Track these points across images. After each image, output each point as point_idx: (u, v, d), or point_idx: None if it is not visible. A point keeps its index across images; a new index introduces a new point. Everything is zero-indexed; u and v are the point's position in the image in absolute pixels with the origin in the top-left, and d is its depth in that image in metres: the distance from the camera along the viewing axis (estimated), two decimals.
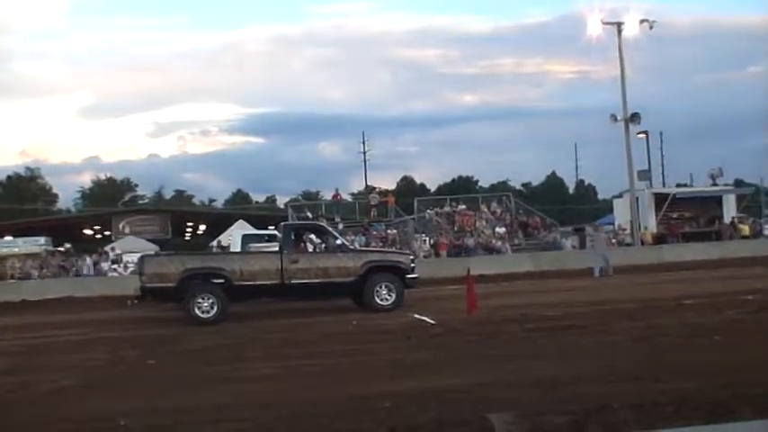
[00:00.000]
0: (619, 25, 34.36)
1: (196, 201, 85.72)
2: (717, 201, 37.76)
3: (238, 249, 22.44)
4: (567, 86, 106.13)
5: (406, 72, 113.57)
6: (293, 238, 17.96)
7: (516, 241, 35.72)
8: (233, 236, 23.93)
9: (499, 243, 34.48)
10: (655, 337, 10.42)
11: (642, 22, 34.07)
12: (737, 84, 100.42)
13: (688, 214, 37.85)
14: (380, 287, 17.20)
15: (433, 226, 37.04)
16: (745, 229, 36.40)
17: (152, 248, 40.10)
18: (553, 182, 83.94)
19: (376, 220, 38.81)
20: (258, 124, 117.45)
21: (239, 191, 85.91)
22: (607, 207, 49.35)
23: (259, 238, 23.91)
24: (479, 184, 78.31)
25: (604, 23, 34.48)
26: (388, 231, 35.52)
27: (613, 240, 33.89)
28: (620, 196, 40.78)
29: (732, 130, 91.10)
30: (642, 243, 34.28)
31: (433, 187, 78.23)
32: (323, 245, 18.94)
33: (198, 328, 15.49)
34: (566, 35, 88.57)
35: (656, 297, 16.32)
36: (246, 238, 23.74)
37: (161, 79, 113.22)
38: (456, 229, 36.49)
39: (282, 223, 19.32)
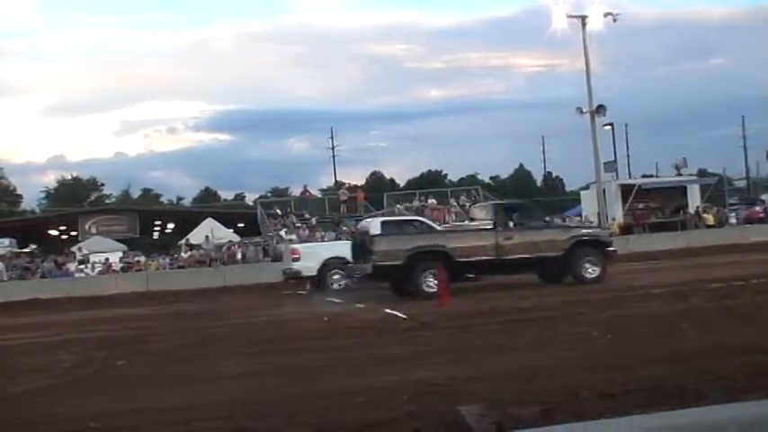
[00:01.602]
0: (583, 18, 34.59)
1: (164, 199, 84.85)
2: (682, 191, 38.23)
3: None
4: (533, 80, 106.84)
5: (373, 67, 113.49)
6: (504, 216, 18.86)
7: None
8: (369, 222, 23.85)
9: None
10: (624, 327, 10.52)
11: (606, 15, 34.36)
12: (700, 75, 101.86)
13: (654, 205, 38.27)
14: (585, 260, 18.22)
15: None
16: (710, 218, 36.92)
17: (120, 248, 39.72)
18: (521, 174, 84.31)
19: (346, 215, 38.77)
20: (226, 121, 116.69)
21: (207, 188, 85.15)
22: (574, 199, 49.72)
23: (398, 225, 23.35)
24: (448, 178, 78.46)
25: (569, 17, 34.71)
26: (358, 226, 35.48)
27: None
28: (587, 188, 41.12)
29: (696, 121, 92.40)
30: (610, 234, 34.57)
31: (402, 182, 78.14)
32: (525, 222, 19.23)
33: (168, 328, 15.39)
34: (531, 29, 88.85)
35: (625, 287, 16.50)
36: (386, 225, 22.90)
37: (126, 77, 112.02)
38: None
39: (492, 203, 20.78)
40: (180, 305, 22.95)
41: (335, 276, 22.02)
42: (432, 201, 39.53)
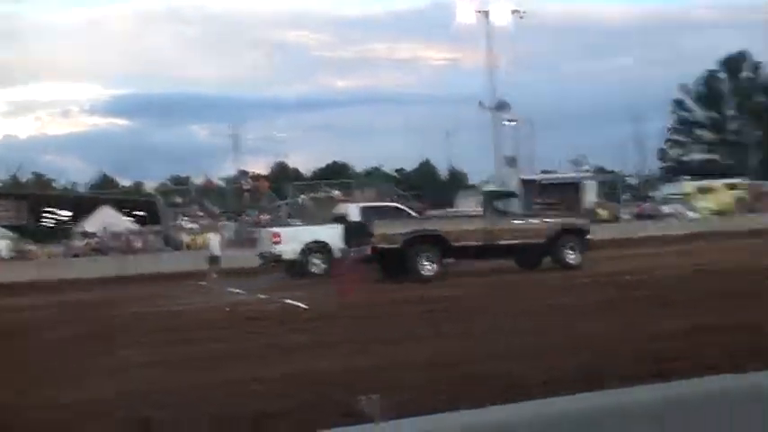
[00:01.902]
0: (488, 14, 35.23)
1: (57, 185, 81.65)
2: (578, 187, 39.42)
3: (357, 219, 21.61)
4: (440, 73, 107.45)
5: (279, 54, 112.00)
6: (491, 204, 19.75)
7: None
8: (348, 207, 24.31)
9: None
10: (537, 316, 10.75)
11: (513, 12, 35.10)
12: (603, 75, 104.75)
13: (552, 200, 39.30)
14: (567, 247, 19.08)
15: (308, 211, 36.91)
16: (605, 213, 38.27)
17: (8, 235, 38.01)
18: (426, 168, 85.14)
19: (249, 205, 38.34)
20: (123, 105, 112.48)
21: (104, 175, 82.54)
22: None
23: (376, 211, 23.00)
24: (354, 169, 78.47)
25: (476, 12, 35.28)
26: (261, 217, 35.13)
27: None
28: (488, 182, 41.91)
29: (596, 120, 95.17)
30: None
31: (307, 172, 77.71)
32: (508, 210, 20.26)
33: (63, 317, 14.86)
34: (439, 22, 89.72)
35: (511, 281, 16.95)
36: (365, 211, 22.81)
37: (17, 55, 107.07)
38: None
39: (483, 190, 21.33)
40: (76, 294, 22.18)
41: (316, 261, 22.58)
42: (336, 192, 39.47)
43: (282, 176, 65.22)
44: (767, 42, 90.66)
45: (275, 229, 25.03)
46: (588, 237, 19.95)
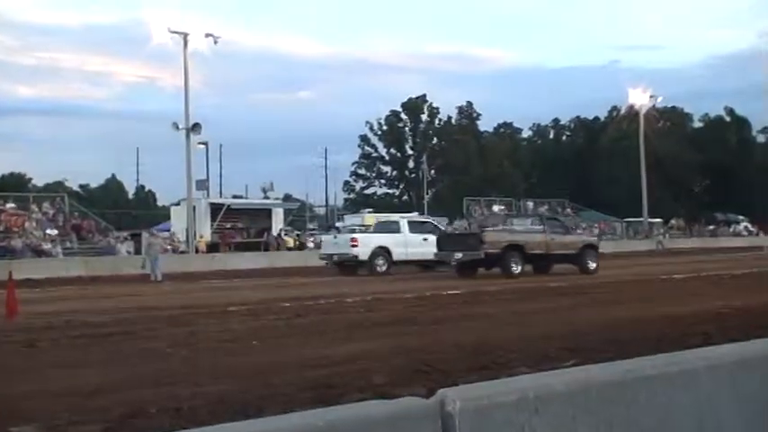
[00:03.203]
0: (185, 36, 34.97)
1: None
2: (267, 213, 40.35)
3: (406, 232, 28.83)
4: (132, 90, 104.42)
5: None
6: (548, 223, 26.75)
7: (69, 245, 34.50)
8: (399, 220, 30.81)
9: (50, 246, 32.90)
10: (198, 343, 10.78)
11: (207, 36, 35.16)
12: (290, 106, 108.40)
13: (241, 225, 39.83)
14: (588, 257, 25.45)
15: None
16: (290, 241, 39.48)
17: None
18: (113, 185, 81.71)
19: None
20: None
21: None
22: (165, 214, 49.51)
23: (419, 223, 30.94)
24: (33, 182, 73.10)
25: (171, 32, 34.83)
26: None
27: (168, 247, 34.33)
28: (178, 204, 41.35)
29: (285, 148, 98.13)
30: (197, 251, 35.15)
31: None
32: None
33: None
34: (133, 38, 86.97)
35: (205, 304, 16.88)
36: (411, 224, 30.05)
37: None
38: (2, 228, 33.92)
39: (539, 215, 31.10)
40: None
41: (380, 261, 27.81)
42: (11, 205, 36.67)
43: None
44: (445, 89, 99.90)
45: (354, 235, 30.38)
46: (600, 251, 26.88)
